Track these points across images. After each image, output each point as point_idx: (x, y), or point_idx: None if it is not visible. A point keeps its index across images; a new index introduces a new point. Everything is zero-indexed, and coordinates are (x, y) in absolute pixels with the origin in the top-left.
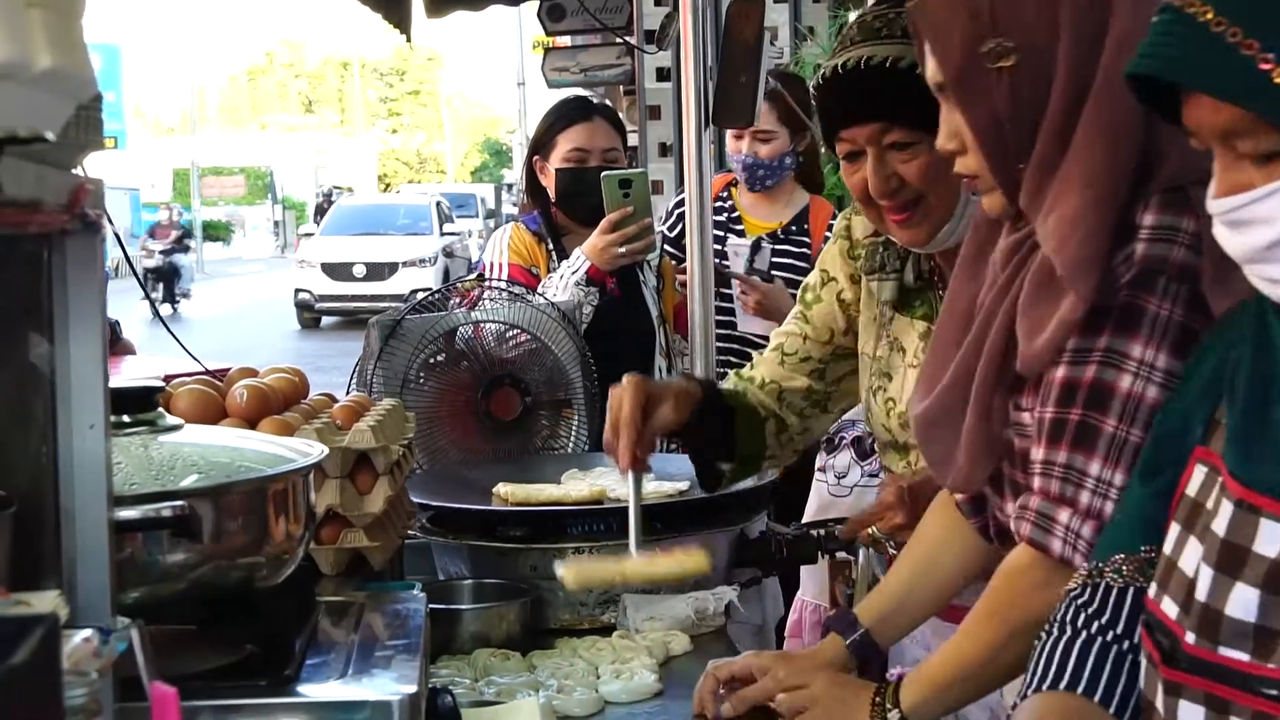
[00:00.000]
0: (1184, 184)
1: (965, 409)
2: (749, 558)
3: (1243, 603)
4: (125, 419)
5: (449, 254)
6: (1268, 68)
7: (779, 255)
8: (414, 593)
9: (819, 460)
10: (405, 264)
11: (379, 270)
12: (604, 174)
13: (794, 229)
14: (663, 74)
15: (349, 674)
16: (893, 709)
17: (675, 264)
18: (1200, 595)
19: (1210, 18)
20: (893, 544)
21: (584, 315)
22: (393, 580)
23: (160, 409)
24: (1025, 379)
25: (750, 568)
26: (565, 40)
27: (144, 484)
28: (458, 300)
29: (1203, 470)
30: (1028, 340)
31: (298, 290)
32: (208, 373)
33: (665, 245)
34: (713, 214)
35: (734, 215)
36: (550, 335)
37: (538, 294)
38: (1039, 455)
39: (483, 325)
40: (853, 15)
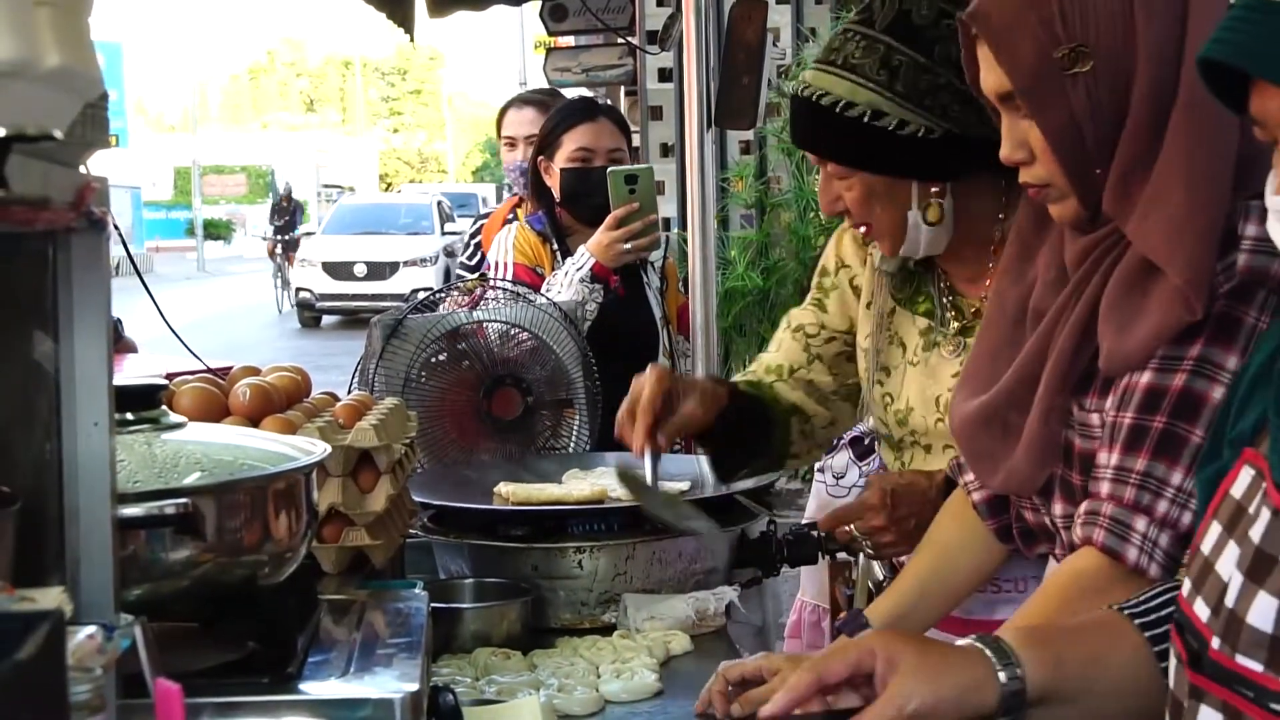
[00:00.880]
0: None
1: (1023, 410)
2: (749, 558)
3: (1263, 612)
4: (129, 417)
5: (450, 253)
6: None
7: None
8: (415, 591)
9: (818, 460)
10: (406, 263)
11: (380, 269)
12: (610, 170)
13: None
14: (664, 75)
15: (351, 672)
16: None
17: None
18: (1229, 601)
19: None
20: (868, 544)
21: (587, 314)
22: (394, 579)
23: (163, 407)
24: (1091, 379)
25: (750, 568)
26: (567, 40)
27: (147, 481)
28: (458, 294)
29: (1250, 473)
30: (1117, 338)
31: (299, 289)
32: (210, 371)
33: (460, 271)
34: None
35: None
36: (552, 335)
37: (541, 293)
38: (1111, 460)
39: (485, 325)
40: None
